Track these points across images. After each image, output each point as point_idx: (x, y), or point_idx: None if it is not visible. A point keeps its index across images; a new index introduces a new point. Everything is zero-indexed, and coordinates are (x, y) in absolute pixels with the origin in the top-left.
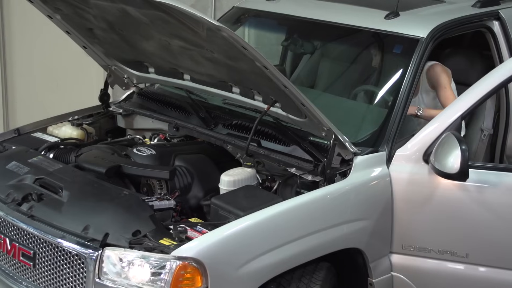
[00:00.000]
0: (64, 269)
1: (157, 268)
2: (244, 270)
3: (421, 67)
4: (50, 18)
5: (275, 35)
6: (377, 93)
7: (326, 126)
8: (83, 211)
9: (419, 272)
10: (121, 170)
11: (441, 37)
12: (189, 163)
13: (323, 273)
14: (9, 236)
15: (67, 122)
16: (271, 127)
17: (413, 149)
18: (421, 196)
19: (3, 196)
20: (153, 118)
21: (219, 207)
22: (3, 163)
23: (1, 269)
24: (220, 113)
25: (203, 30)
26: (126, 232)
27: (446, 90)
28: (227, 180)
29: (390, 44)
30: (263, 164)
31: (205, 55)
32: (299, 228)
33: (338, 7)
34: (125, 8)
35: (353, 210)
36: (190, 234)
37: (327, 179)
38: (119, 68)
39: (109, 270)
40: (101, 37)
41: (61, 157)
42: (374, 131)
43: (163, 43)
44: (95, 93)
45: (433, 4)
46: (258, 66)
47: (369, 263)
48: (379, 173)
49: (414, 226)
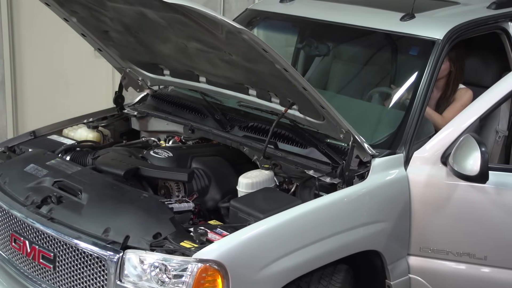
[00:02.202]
0: (84, 271)
1: (179, 270)
2: (264, 273)
3: (437, 69)
4: (66, 20)
5: (285, 37)
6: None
7: (345, 128)
8: (103, 214)
9: (437, 274)
10: (139, 172)
11: (458, 39)
12: (206, 165)
13: (342, 275)
14: (28, 238)
15: (82, 124)
16: (288, 129)
17: (431, 151)
18: (439, 198)
19: (22, 199)
20: (168, 120)
21: (239, 210)
22: (21, 165)
23: (20, 271)
24: (236, 115)
25: (222, 32)
26: (146, 235)
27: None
28: (245, 183)
29: (406, 46)
30: (280, 166)
31: (222, 57)
32: (319, 230)
33: (353, 9)
34: (143, 11)
35: (371, 212)
36: (211, 236)
37: (345, 181)
38: (133, 71)
39: (130, 272)
40: (117, 40)
41: (78, 159)
42: (391, 133)
43: (180, 45)
44: (104, 95)
45: (448, 5)
46: (278, 68)
47: (387, 265)
48: (397, 175)
49: (432, 228)
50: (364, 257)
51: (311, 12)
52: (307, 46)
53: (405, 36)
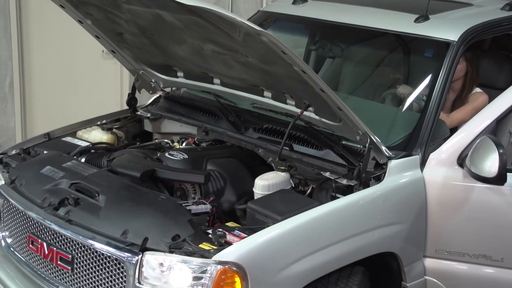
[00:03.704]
0: (103, 273)
1: (198, 272)
2: (283, 275)
3: (452, 70)
4: (80, 23)
5: (295, 38)
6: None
7: (362, 130)
8: (121, 216)
9: (453, 276)
10: (155, 174)
11: (472, 41)
12: (221, 167)
13: (359, 277)
14: (46, 240)
15: (96, 126)
16: (303, 131)
17: (447, 152)
18: (456, 200)
19: (39, 201)
20: (182, 122)
21: (256, 212)
22: (38, 167)
23: (37, 272)
24: (250, 117)
25: (240, 34)
26: (165, 237)
27: (472, 111)
28: (261, 184)
29: (421, 48)
30: (295, 168)
31: (238, 59)
32: (337, 232)
33: (366, 11)
34: (160, 13)
35: (388, 214)
36: (229, 238)
37: (362, 183)
38: (146, 72)
39: (149, 274)
40: (131, 42)
41: (93, 161)
42: (406, 135)
43: (196, 47)
44: (112, 97)
45: (462, 7)
46: (296, 70)
47: (404, 267)
48: (413, 177)
49: (448, 229)
50: (380, 259)
51: (324, 14)
52: (321, 47)
53: (419, 37)
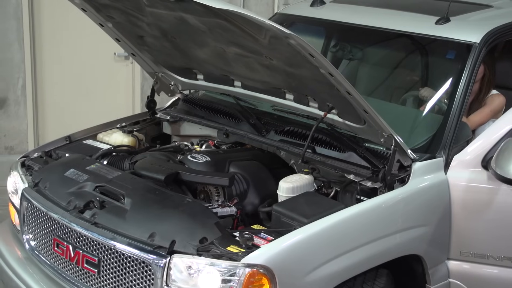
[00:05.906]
0: (130, 276)
1: (227, 275)
2: (310, 278)
3: (475, 72)
4: (101, 26)
5: (311, 40)
6: (424, 98)
7: (387, 133)
8: (148, 218)
9: (477, 279)
10: (178, 177)
11: (494, 42)
12: (244, 170)
13: (384, 279)
14: (72, 243)
15: (116, 129)
16: (326, 133)
17: (471, 154)
18: (480, 202)
19: (64, 204)
20: (202, 125)
21: (282, 214)
22: (61, 170)
23: (62, 275)
24: (270, 120)
25: (265, 37)
26: (192, 239)
27: (489, 113)
28: (286, 187)
29: (442, 50)
30: (318, 170)
31: (262, 62)
32: (363, 235)
33: (385, 13)
34: (184, 16)
35: (413, 216)
36: (256, 241)
37: (387, 186)
38: (166, 75)
39: (177, 277)
40: (152, 45)
41: (115, 164)
42: (429, 137)
43: (218, 50)
44: (124, 99)
45: (482, 9)
46: (322, 73)
47: (428, 270)
48: (437, 179)
49: (472, 232)
50: (405, 261)
51: (343, 16)
52: (341, 50)
53: (440, 39)
